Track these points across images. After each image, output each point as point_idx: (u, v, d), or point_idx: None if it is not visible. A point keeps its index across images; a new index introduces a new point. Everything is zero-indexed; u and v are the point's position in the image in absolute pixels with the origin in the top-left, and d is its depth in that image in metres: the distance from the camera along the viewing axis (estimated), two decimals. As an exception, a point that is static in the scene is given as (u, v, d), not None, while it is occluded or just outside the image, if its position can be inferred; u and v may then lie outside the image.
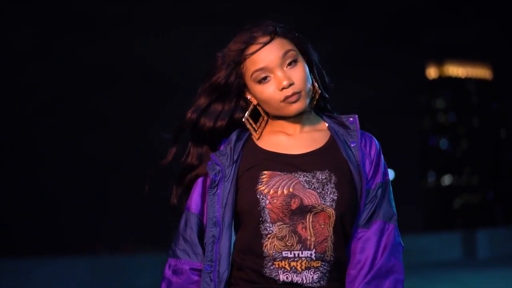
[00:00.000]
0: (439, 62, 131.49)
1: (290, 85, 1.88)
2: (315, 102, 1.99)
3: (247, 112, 1.98)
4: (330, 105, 2.05)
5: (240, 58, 1.93)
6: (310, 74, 1.95)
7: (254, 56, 1.90)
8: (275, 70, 1.89)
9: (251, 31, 1.93)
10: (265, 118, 2.00)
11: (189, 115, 1.98)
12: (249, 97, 1.97)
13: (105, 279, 13.11)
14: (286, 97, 1.88)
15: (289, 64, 1.89)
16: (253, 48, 1.91)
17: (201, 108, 1.98)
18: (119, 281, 13.06)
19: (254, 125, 1.98)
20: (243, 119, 1.97)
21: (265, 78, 1.89)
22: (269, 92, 1.89)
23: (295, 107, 1.90)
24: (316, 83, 1.97)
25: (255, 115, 2.00)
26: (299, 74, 1.89)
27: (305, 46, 1.96)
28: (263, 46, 1.90)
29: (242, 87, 1.96)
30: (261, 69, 1.89)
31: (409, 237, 17.31)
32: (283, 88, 1.88)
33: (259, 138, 1.99)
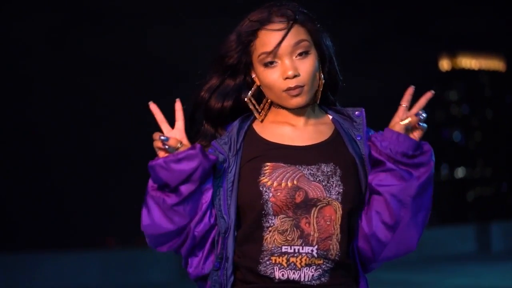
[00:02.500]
0: (452, 54, 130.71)
1: (295, 76, 1.80)
2: (320, 96, 1.91)
3: (250, 91, 1.89)
4: (339, 100, 1.98)
5: (252, 37, 1.84)
6: (320, 68, 1.87)
7: (265, 38, 1.82)
8: (283, 57, 1.81)
9: (270, 11, 1.84)
10: (269, 100, 1.91)
11: (202, 93, 1.91)
12: (253, 76, 1.89)
13: (117, 274, 13.09)
14: (289, 88, 1.80)
15: (300, 54, 1.82)
16: (266, 29, 1.82)
17: (213, 87, 1.90)
18: (132, 276, 13.03)
19: (257, 106, 1.90)
20: (246, 99, 1.89)
21: (271, 62, 1.82)
22: (272, 78, 1.82)
23: (295, 101, 1.82)
24: (324, 79, 1.89)
25: (259, 97, 1.93)
26: (307, 67, 1.82)
27: (321, 39, 1.87)
28: (276, 30, 1.81)
29: (249, 65, 1.88)
30: (269, 53, 1.81)
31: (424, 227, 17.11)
32: (287, 78, 1.80)
33: (262, 120, 1.92)
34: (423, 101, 1.86)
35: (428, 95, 1.87)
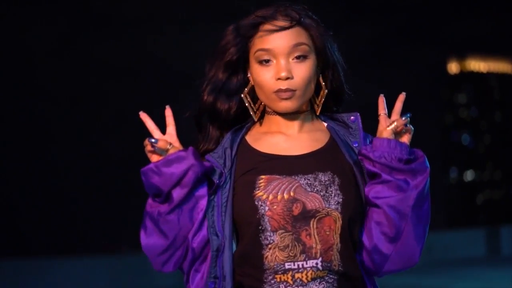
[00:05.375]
0: (461, 56, 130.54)
1: (288, 78, 1.73)
2: (320, 107, 1.84)
3: (246, 88, 1.82)
4: (345, 106, 1.91)
5: (252, 32, 1.78)
6: (321, 75, 1.81)
7: (264, 34, 1.76)
8: (279, 57, 1.74)
9: (276, 10, 1.78)
10: (262, 104, 1.84)
11: (206, 97, 1.82)
12: (249, 75, 1.83)
13: (126, 279, 13.11)
14: (279, 90, 1.74)
15: (297, 57, 1.75)
16: (268, 26, 1.76)
17: (217, 88, 1.82)
18: (140, 280, 13.04)
19: (252, 104, 1.83)
20: (242, 95, 1.82)
21: (266, 60, 1.75)
22: (265, 77, 1.75)
23: (284, 105, 1.75)
24: (327, 88, 1.82)
25: (255, 98, 1.85)
26: (302, 72, 1.74)
27: (326, 47, 1.80)
28: (278, 29, 1.75)
29: (246, 62, 1.82)
30: (265, 50, 1.75)
31: (431, 234, 17.04)
32: (279, 79, 1.73)
33: (258, 121, 1.85)
34: (399, 104, 1.80)
35: (401, 97, 1.81)
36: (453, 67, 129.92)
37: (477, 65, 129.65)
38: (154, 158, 1.72)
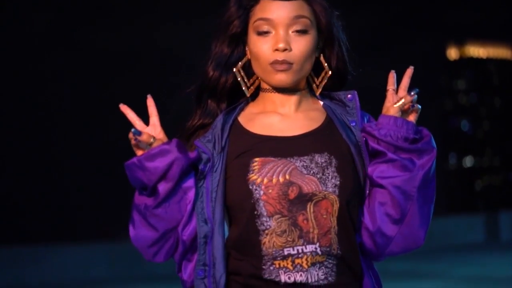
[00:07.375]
0: (460, 42, 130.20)
1: (286, 50, 1.68)
2: (321, 88, 1.79)
3: (240, 62, 1.77)
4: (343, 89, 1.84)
5: (253, 2, 1.74)
6: (322, 55, 1.77)
7: (265, 4, 1.71)
8: (278, 28, 1.69)
9: None
10: (258, 79, 1.78)
11: (211, 73, 1.77)
12: (246, 48, 1.78)
13: (124, 265, 13.08)
14: (275, 61, 1.68)
15: (297, 31, 1.70)
16: None
17: (222, 63, 1.77)
18: (138, 267, 13.02)
19: (246, 79, 1.77)
20: (234, 69, 1.77)
21: (265, 31, 1.70)
22: (262, 47, 1.70)
23: (279, 77, 1.70)
24: (330, 69, 1.77)
25: (251, 74, 1.80)
26: (301, 45, 1.70)
27: (329, 24, 1.75)
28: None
29: (246, 35, 1.77)
30: (265, 19, 1.70)
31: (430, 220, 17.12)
32: (276, 50, 1.68)
33: (252, 100, 1.80)
34: (406, 79, 1.74)
35: (409, 72, 1.74)
36: (452, 53, 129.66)
37: (477, 51, 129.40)
38: (139, 152, 1.66)
